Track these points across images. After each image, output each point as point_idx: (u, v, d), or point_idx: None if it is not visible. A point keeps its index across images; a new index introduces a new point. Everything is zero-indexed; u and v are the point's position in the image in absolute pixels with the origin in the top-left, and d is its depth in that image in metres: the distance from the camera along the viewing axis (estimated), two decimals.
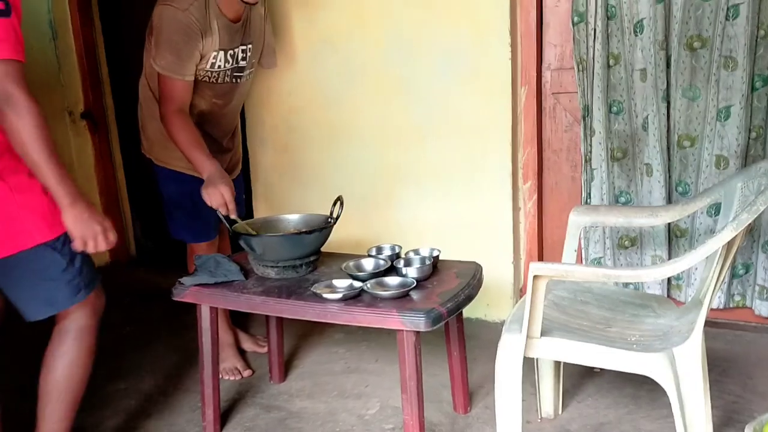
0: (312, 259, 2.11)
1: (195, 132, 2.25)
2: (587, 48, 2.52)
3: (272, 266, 2.06)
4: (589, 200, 2.64)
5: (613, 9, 2.46)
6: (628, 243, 2.63)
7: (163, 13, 2.19)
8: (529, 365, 1.94)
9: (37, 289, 1.73)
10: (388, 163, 2.91)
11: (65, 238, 1.70)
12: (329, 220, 2.17)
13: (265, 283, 2.02)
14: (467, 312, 2.82)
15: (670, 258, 2.59)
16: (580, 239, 2.68)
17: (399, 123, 2.86)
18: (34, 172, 1.60)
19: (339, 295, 1.84)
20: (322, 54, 2.93)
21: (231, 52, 2.36)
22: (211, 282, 2.03)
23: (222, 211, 2.15)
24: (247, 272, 2.10)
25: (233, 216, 2.17)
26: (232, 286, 2.02)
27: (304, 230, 2.10)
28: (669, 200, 2.52)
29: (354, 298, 1.86)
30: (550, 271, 1.58)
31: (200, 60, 2.28)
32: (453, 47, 2.71)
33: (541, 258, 2.89)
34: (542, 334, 1.66)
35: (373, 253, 2.17)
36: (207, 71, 2.33)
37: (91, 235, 1.65)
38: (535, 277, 1.58)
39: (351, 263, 2.06)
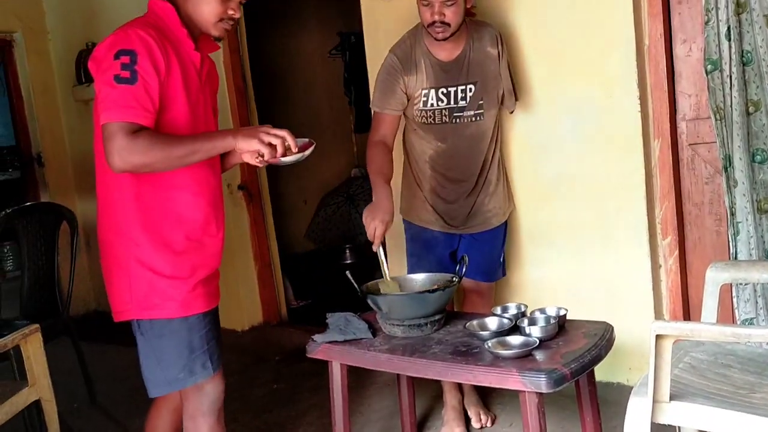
0: (436, 318, 2.15)
1: (384, 161, 2.43)
2: (724, 96, 2.40)
3: (398, 325, 2.12)
4: (737, 256, 2.46)
5: (749, 55, 2.34)
6: None
7: None
8: None
9: (151, 364, 1.83)
10: (518, 222, 2.90)
11: (151, 326, 1.78)
12: (453, 279, 2.21)
13: (391, 342, 2.08)
14: (607, 376, 2.69)
15: None
16: (732, 298, 2.50)
17: (528, 182, 2.86)
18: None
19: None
20: None
21: (443, 90, 2.47)
22: (340, 339, 2.13)
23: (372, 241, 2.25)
24: (375, 330, 2.17)
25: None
26: (360, 344, 2.10)
27: (426, 290, 2.15)
28: None
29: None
30: (674, 330, 1.51)
31: (410, 98, 2.47)
32: (580, 103, 2.69)
33: (687, 318, 2.71)
34: (673, 398, 1.56)
35: (498, 312, 2.17)
36: (421, 110, 2.49)
37: (260, 144, 1.71)
38: (658, 336, 1.51)
39: (475, 322, 2.07)
